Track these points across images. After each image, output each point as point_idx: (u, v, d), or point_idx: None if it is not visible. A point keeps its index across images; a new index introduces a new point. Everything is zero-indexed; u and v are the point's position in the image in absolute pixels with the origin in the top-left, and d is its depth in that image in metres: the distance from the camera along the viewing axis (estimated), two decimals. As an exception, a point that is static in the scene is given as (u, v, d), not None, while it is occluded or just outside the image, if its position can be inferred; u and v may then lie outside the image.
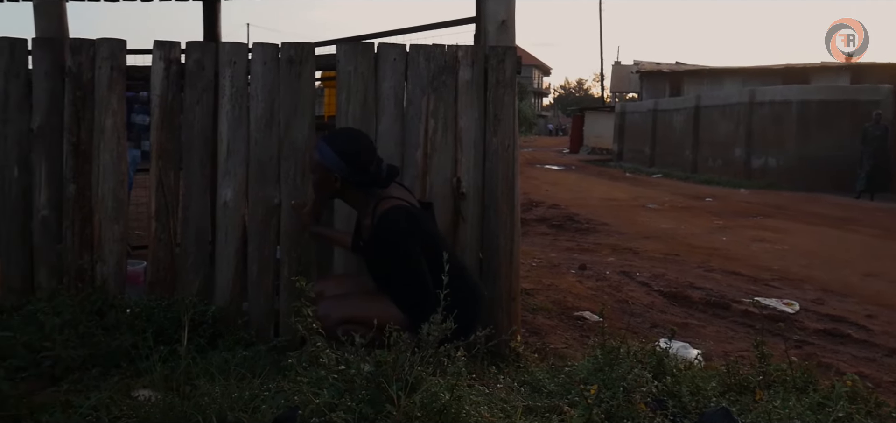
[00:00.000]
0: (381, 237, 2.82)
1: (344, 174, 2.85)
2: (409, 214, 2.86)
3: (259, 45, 3.37)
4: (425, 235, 2.86)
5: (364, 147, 2.90)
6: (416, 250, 2.80)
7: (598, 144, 32.19)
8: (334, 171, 2.85)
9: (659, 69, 33.29)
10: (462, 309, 2.55)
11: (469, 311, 2.83)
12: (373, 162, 2.87)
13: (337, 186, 2.90)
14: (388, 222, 2.80)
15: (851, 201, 13.77)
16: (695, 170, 20.34)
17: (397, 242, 2.80)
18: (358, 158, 2.85)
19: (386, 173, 2.89)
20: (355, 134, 3.02)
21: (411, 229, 2.82)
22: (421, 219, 2.90)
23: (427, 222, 2.96)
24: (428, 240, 2.85)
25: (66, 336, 2.93)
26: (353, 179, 2.86)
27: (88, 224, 3.42)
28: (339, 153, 2.85)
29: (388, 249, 2.83)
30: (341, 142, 2.91)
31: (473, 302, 2.94)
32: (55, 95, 3.42)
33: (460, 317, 2.45)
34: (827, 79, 25.71)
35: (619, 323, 4.41)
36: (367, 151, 2.89)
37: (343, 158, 2.84)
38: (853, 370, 3.61)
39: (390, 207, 2.83)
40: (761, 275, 6.41)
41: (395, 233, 2.80)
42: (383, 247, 2.83)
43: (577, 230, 9.13)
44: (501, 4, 3.39)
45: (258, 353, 3.00)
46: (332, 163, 2.85)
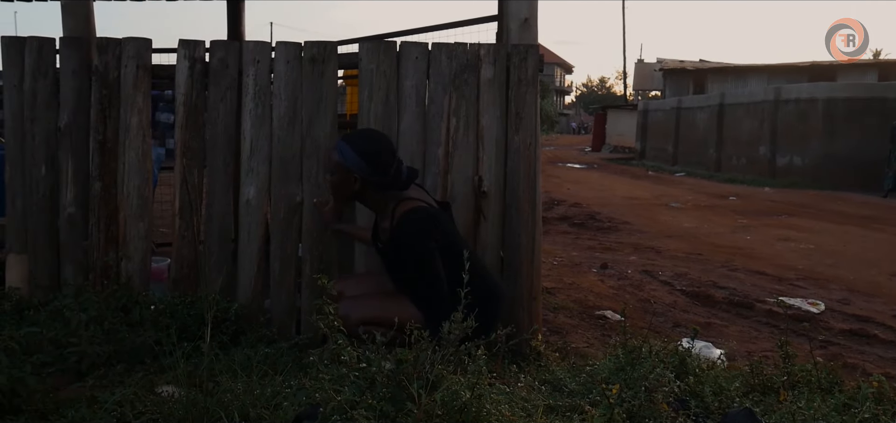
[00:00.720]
0: (400, 239, 2.83)
1: (364, 174, 2.85)
2: (429, 215, 2.86)
3: (282, 43, 3.39)
4: (444, 235, 2.87)
5: (384, 148, 2.90)
6: (434, 251, 2.80)
7: (620, 143, 32.00)
8: (354, 171, 2.86)
9: (682, 67, 33.02)
10: (482, 309, 2.55)
11: (489, 311, 2.83)
12: (393, 163, 2.87)
13: (356, 187, 2.90)
14: (408, 224, 2.81)
15: (878, 200, 13.56)
16: (718, 168, 20.15)
17: (415, 243, 2.81)
18: (378, 159, 2.85)
19: (405, 175, 2.89)
20: (376, 134, 3.03)
21: (430, 231, 2.83)
22: (440, 220, 2.91)
23: (446, 222, 2.97)
24: (447, 241, 2.85)
25: (91, 332, 2.97)
26: (373, 180, 2.86)
27: (114, 221, 3.46)
28: (360, 153, 2.85)
29: (407, 250, 2.83)
30: (362, 142, 2.91)
31: (494, 302, 2.94)
32: (82, 93, 3.47)
33: (480, 316, 2.45)
34: (854, 76, 25.36)
35: (640, 322, 4.38)
36: (387, 152, 2.89)
37: (363, 158, 2.85)
38: (880, 370, 3.56)
39: (410, 208, 2.83)
40: (786, 274, 6.33)
41: (414, 235, 2.80)
42: (402, 249, 2.84)
43: (599, 229, 9.08)
44: (524, 3, 3.38)
45: (280, 350, 3.02)
46: (352, 163, 2.85)
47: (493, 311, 2.90)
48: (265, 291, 3.42)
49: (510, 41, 3.38)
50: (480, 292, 2.72)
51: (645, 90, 42.79)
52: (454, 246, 2.81)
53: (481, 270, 2.96)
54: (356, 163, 2.85)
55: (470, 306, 2.42)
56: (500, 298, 3.01)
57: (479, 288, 2.70)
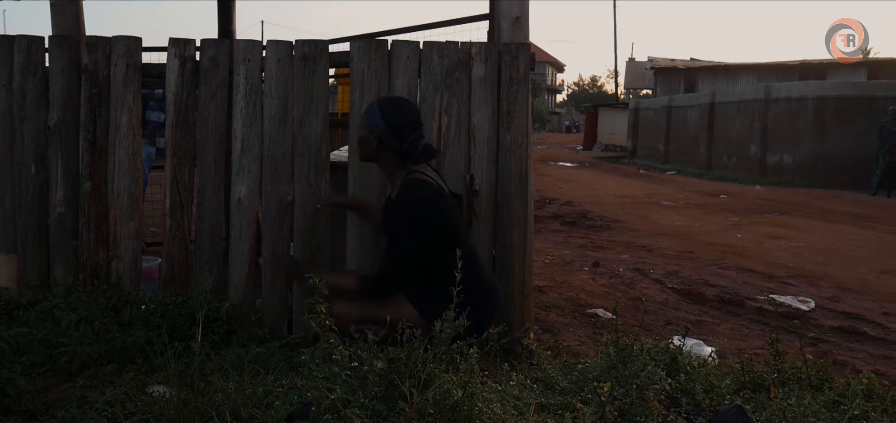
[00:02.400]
0: (401, 201, 2.88)
1: (381, 135, 2.91)
2: (436, 191, 2.88)
3: (273, 42, 3.38)
4: (446, 219, 2.89)
5: (407, 117, 2.96)
6: (423, 228, 2.83)
7: (611, 141, 32.06)
8: (375, 130, 2.93)
9: (673, 66, 33.13)
10: (475, 306, 2.57)
11: (484, 309, 2.84)
12: (412, 134, 2.92)
13: (374, 146, 2.96)
14: (412, 189, 2.86)
15: (868, 198, 13.64)
16: (709, 167, 20.22)
17: (412, 208, 2.85)
18: (397, 124, 2.91)
19: (421, 150, 2.93)
20: (405, 103, 3.10)
21: (432, 204, 2.85)
22: (443, 201, 2.91)
23: (452, 208, 2.97)
24: (448, 226, 2.88)
25: (81, 332, 2.96)
26: (389, 144, 2.92)
27: (104, 221, 3.45)
28: (383, 114, 2.93)
29: (400, 213, 2.89)
30: (388, 105, 3.00)
31: (489, 300, 2.94)
32: (71, 92, 3.45)
33: (473, 314, 2.45)
34: (844, 75, 25.50)
35: (632, 320, 4.39)
36: (408, 122, 2.94)
37: (384, 120, 2.91)
38: (869, 367, 3.58)
39: (420, 178, 2.88)
40: (776, 272, 6.36)
41: (415, 201, 2.84)
42: (399, 211, 2.89)
43: (591, 227, 9.10)
44: (515, 1, 3.38)
45: (272, 349, 3.01)
46: (374, 122, 2.93)
47: (488, 310, 2.91)
48: (257, 290, 3.41)
49: (501, 40, 3.38)
50: (477, 290, 2.75)
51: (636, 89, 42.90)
52: (455, 234, 2.85)
53: (478, 268, 2.96)
54: (377, 122, 2.92)
55: (463, 304, 2.42)
56: (496, 298, 3.03)
57: (475, 284, 2.74)
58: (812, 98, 17.04)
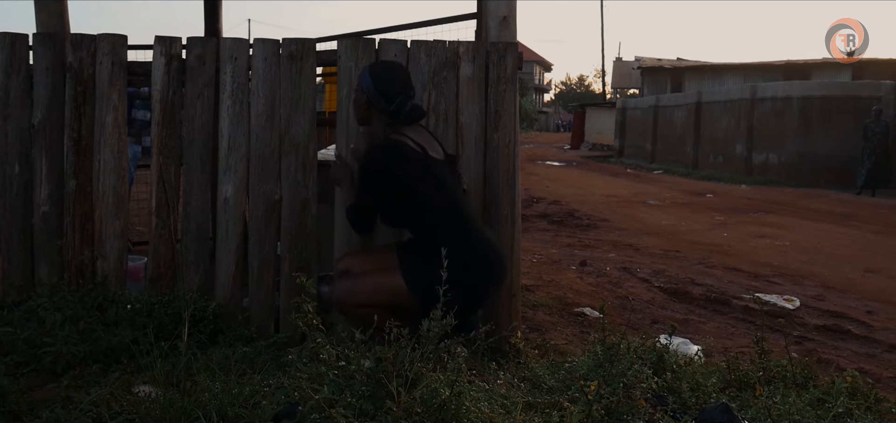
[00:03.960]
0: (363, 160, 2.97)
1: (370, 96, 2.97)
2: (400, 150, 2.89)
3: (260, 40, 3.36)
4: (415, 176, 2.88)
5: (396, 79, 3.00)
6: (378, 182, 2.89)
7: (599, 141, 32.17)
8: (365, 92, 2.99)
9: (660, 65, 33.27)
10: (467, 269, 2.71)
11: (478, 271, 2.83)
12: (399, 95, 2.94)
13: (364, 108, 3.01)
14: (376, 150, 2.94)
15: (853, 198, 13.76)
16: (696, 166, 20.33)
17: (365, 166, 2.93)
18: (385, 85, 2.95)
19: (408, 111, 2.95)
20: (395, 65, 3.13)
21: (394, 163, 2.88)
22: (417, 161, 2.89)
23: (431, 166, 2.93)
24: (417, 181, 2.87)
25: (66, 332, 2.94)
26: (376, 104, 2.97)
27: (89, 220, 3.42)
28: (373, 75, 2.99)
29: (360, 168, 2.98)
30: (379, 67, 3.06)
31: (485, 261, 2.88)
32: (56, 90, 3.43)
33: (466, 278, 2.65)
34: (828, 75, 25.68)
35: (619, 319, 4.41)
36: (397, 84, 2.98)
37: (373, 81, 2.97)
38: (853, 365, 3.61)
39: (393, 140, 2.92)
40: (762, 271, 6.41)
41: (375, 159, 2.91)
42: (362, 167, 2.97)
43: (578, 226, 9.13)
44: (503, 1, 3.38)
45: (258, 349, 3.00)
46: (364, 83, 2.99)
47: (485, 274, 2.87)
48: (243, 289, 3.40)
49: (489, 39, 3.38)
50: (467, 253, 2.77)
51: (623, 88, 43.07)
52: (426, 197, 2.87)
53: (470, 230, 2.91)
54: (367, 83, 2.98)
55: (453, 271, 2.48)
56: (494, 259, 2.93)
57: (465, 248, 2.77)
58: (797, 98, 17.18)
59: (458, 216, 2.90)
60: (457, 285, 2.49)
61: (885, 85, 16.40)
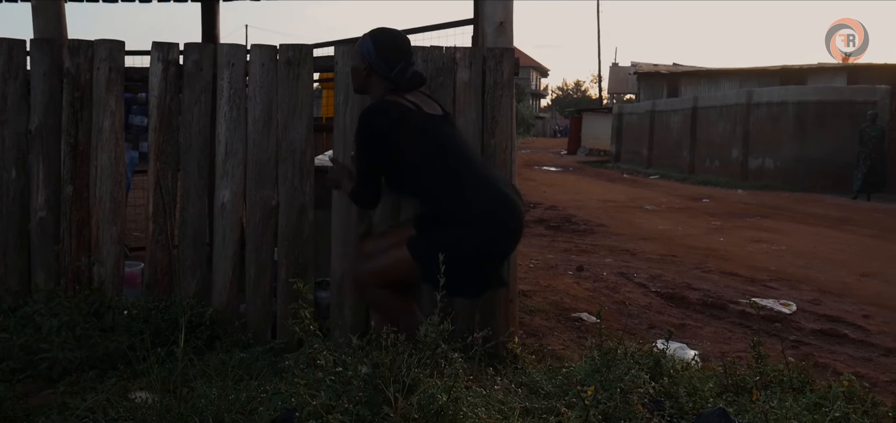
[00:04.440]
0: (359, 121, 2.91)
1: (371, 61, 2.94)
2: (398, 108, 2.86)
3: (257, 46, 3.37)
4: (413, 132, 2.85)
5: (396, 44, 2.98)
6: (373, 141, 2.85)
7: (595, 146, 32.20)
8: (366, 57, 2.96)
9: (656, 70, 33.33)
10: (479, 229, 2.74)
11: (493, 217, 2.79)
12: (400, 60, 2.93)
13: (364, 75, 2.99)
14: (369, 111, 2.89)
15: (848, 202, 13.79)
16: (692, 171, 20.36)
17: (361, 122, 2.89)
18: (386, 50, 2.93)
19: (409, 77, 2.93)
20: (395, 31, 3.10)
21: (388, 119, 2.84)
22: (413, 118, 2.86)
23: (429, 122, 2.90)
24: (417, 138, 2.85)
25: (62, 338, 2.93)
26: (377, 69, 2.94)
27: (86, 226, 3.42)
28: (373, 41, 2.96)
29: (356, 133, 2.93)
30: (380, 34, 3.02)
31: (498, 208, 2.81)
32: (53, 96, 3.42)
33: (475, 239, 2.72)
34: (824, 80, 25.77)
35: (616, 324, 4.42)
36: (398, 49, 2.96)
37: (375, 47, 2.94)
38: (850, 370, 3.62)
39: (390, 100, 2.89)
40: (758, 276, 6.42)
41: (367, 117, 2.87)
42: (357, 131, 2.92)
43: (575, 231, 9.14)
44: (499, 6, 3.39)
45: (255, 355, 3.00)
46: (365, 49, 2.96)
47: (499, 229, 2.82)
48: (240, 295, 3.40)
49: (486, 45, 3.39)
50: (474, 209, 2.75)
51: (620, 93, 43.15)
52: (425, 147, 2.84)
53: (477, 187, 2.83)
54: (368, 50, 2.95)
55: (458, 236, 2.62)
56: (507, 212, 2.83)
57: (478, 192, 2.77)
58: (793, 103, 17.22)
59: (467, 171, 2.84)
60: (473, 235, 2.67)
61: (881, 90, 16.47)
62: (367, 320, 3.31)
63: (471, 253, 2.75)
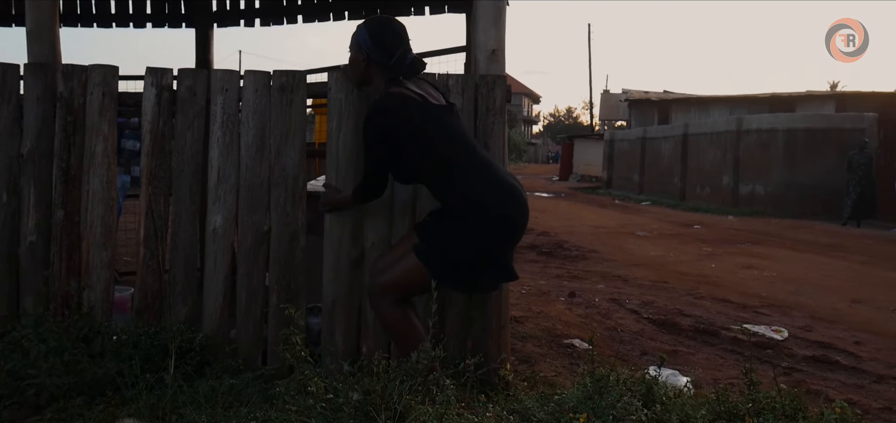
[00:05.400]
0: (366, 115, 2.93)
1: (369, 51, 2.94)
2: (404, 100, 2.87)
3: (251, 72, 3.38)
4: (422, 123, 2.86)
5: (394, 31, 2.98)
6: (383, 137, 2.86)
7: (587, 172, 32.35)
8: (363, 49, 2.95)
9: (647, 97, 33.58)
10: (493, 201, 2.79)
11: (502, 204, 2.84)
12: (399, 48, 2.92)
13: (363, 66, 2.98)
14: (377, 102, 2.90)
15: (838, 228, 13.87)
16: (683, 197, 20.46)
17: (367, 122, 2.90)
18: (383, 39, 2.93)
19: (408, 63, 2.93)
20: (390, 19, 3.11)
21: (394, 114, 2.85)
22: (422, 109, 2.88)
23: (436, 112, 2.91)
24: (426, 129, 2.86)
25: (50, 364, 2.90)
26: (377, 60, 2.94)
27: (76, 250, 3.40)
28: (370, 32, 2.95)
29: (365, 125, 2.94)
30: (375, 23, 3.03)
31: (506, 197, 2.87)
32: (46, 120, 3.42)
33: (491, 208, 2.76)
34: (812, 107, 26.04)
35: (608, 351, 4.41)
36: (395, 36, 2.96)
37: (372, 37, 2.93)
38: (842, 396, 3.62)
39: (396, 91, 2.89)
40: (750, 302, 6.43)
41: (376, 113, 2.88)
42: (366, 123, 2.93)
43: (567, 257, 9.14)
44: (491, 34, 3.42)
45: (246, 381, 2.98)
46: (362, 40, 2.95)
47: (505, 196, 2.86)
48: (231, 321, 3.38)
49: (478, 72, 3.41)
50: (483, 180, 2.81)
51: (611, 120, 43.42)
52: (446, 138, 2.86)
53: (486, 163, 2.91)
54: (365, 40, 2.94)
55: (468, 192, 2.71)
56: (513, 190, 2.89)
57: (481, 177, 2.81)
58: (782, 130, 17.38)
59: (473, 159, 2.88)
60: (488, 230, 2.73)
61: (868, 117, 16.64)
62: (358, 345, 3.30)
63: (485, 245, 2.80)
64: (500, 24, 3.42)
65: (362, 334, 3.30)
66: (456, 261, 2.77)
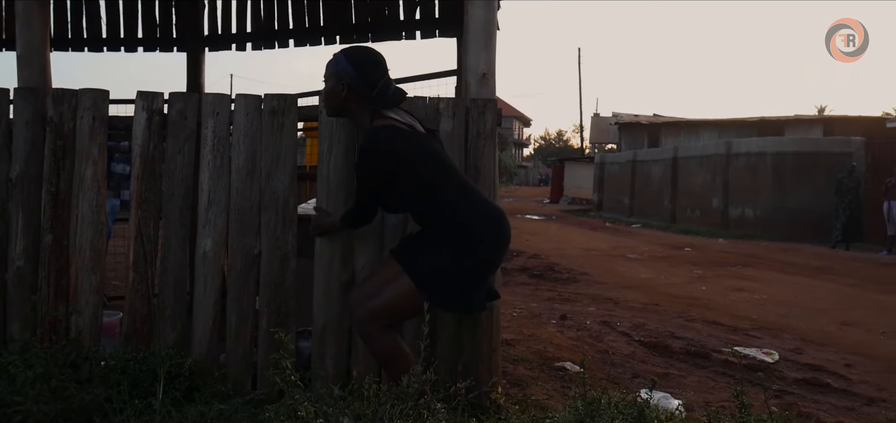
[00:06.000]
0: (364, 150, 2.89)
1: (350, 82, 2.90)
2: (398, 134, 2.87)
3: (242, 96, 3.38)
4: (422, 154, 2.88)
5: (376, 61, 2.96)
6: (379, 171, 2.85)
7: (578, 194, 32.46)
8: (343, 78, 2.91)
9: (637, 121, 33.82)
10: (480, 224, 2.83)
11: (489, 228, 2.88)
12: (381, 78, 2.91)
13: (343, 95, 2.94)
14: (373, 137, 2.86)
15: (828, 251, 13.95)
16: (673, 220, 20.55)
17: (368, 152, 2.87)
18: (366, 69, 2.91)
19: (391, 93, 2.92)
20: (370, 48, 3.09)
21: (392, 150, 2.84)
22: (414, 140, 2.89)
23: (425, 142, 2.94)
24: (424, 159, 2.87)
25: (37, 390, 2.87)
26: (359, 91, 2.91)
27: (65, 275, 3.38)
28: (351, 61, 2.93)
29: (361, 157, 2.93)
30: (355, 52, 3.01)
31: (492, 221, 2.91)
32: (35, 144, 3.41)
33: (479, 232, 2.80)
34: (800, 131, 26.30)
35: (600, 374, 4.40)
36: (377, 65, 2.94)
37: (354, 67, 2.91)
38: (833, 419, 3.63)
39: (383, 125, 2.87)
40: (741, 324, 6.44)
41: (374, 149, 2.85)
42: (364, 158, 2.90)
43: (558, 280, 9.15)
44: (482, 58, 3.44)
45: (235, 406, 2.95)
46: (342, 69, 2.92)
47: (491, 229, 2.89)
48: (221, 345, 3.36)
49: (469, 95, 3.43)
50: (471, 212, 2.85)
51: (601, 143, 43.67)
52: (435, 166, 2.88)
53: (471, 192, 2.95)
54: (345, 69, 2.91)
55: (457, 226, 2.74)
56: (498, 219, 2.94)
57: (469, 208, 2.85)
58: (771, 154, 17.53)
59: (460, 186, 2.93)
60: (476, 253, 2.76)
61: (856, 141, 16.81)
62: (348, 369, 3.28)
63: (476, 267, 2.82)
64: (490, 48, 3.45)
65: (353, 357, 3.29)
66: (451, 283, 2.78)
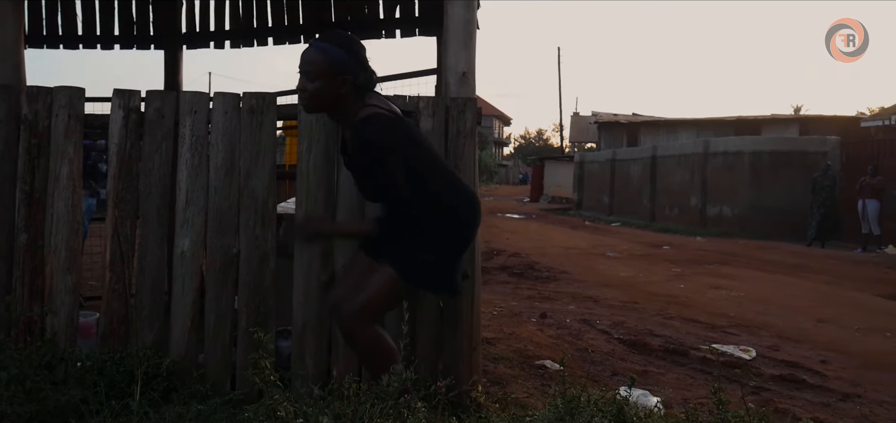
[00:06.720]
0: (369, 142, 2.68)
1: (349, 68, 2.65)
2: (393, 121, 2.81)
3: (220, 94, 3.36)
4: (411, 140, 2.85)
5: (358, 41, 2.78)
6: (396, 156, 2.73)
7: (558, 193, 32.59)
8: (340, 69, 2.64)
9: (616, 120, 34.02)
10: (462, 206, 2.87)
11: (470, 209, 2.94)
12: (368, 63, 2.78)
13: (343, 90, 2.67)
14: (371, 125, 2.68)
15: (803, 249, 14.13)
16: (653, 218, 20.70)
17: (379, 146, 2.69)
18: (361, 55, 2.73)
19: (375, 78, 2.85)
20: (341, 31, 2.98)
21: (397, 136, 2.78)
22: (402, 124, 2.86)
23: (412, 127, 2.94)
24: (413, 144, 2.85)
25: (11, 392, 2.83)
26: (357, 80, 2.67)
27: (39, 275, 3.33)
28: (347, 50, 2.66)
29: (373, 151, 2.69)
30: (342, 39, 2.73)
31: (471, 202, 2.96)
32: (9, 143, 3.36)
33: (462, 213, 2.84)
34: (777, 130, 26.61)
35: (579, 371, 4.42)
36: (364, 51, 2.77)
37: (351, 55, 2.66)
38: (809, 415, 3.67)
39: (371, 114, 2.72)
40: (718, 322, 6.50)
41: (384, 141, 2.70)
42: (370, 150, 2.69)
43: (538, 279, 9.18)
44: (462, 57, 3.44)
45: (214, 407, 2.93)
46: (339, 59, 2.63)
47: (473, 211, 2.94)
48: (199, 345, 3.33)
49: (449, 94, 3.43)
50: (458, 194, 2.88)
51: (581, 142, 43.86)
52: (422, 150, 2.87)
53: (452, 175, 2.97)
54: (343, 60, 2.63)
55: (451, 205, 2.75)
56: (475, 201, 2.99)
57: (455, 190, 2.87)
58: (748, 153, 17.72)
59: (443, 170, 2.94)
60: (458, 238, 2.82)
61: (831, 140, 17.04)
62: (328, 368, 3.27)
63: (458, 248, 2.87)
64: (470, 47, 3.45)
65: (333, 357, 3.28)
66: (438, 266, 2.80)
